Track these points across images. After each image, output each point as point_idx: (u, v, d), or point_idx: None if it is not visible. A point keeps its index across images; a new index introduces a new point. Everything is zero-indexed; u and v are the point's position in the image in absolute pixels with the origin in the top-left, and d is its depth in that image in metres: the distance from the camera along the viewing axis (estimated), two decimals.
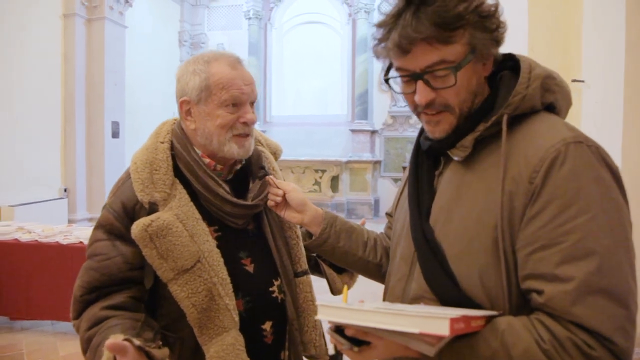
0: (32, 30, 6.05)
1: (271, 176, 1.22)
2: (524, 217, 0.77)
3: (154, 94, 8.70)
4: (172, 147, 1.19)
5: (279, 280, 1.23)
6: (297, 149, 9.15)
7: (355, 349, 0.78)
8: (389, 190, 9.26)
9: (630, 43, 2.04)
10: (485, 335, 0.73)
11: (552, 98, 0.85)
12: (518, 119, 0.83)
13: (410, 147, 9.44)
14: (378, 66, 9.25)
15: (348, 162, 9.01)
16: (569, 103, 0.89)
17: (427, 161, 0.96)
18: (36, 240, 3.63)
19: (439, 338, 0.68)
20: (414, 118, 8.90)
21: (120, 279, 1.11)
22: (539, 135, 0.80)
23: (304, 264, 1.29)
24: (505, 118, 0.82)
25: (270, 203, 1.19)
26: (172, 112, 8.64)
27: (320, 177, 9.07)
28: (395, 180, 9.15)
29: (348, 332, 0.77)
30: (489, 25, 0.82)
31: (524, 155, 0.79)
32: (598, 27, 2.39)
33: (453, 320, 0.65)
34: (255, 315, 1.17)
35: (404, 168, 7.98)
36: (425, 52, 0.80)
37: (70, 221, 6.21)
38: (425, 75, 0.81)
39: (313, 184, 9.10)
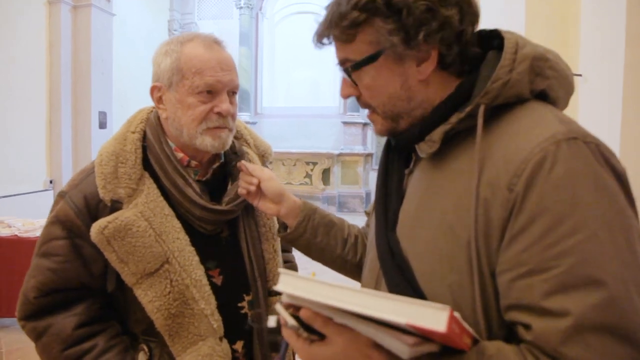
0: (15, 17, 5.87)
1: (244, 161, 1.10)
2: (505, 235, 0.63)
3: (143, 84, 8.50)
4: (145, 138, 1.08)
5: (250, 295, 1.12)
6: (288, 141, 9.02)
7: (305, 334, 0.62)
8: None
9: (630, 34, 1.96)
10: (470, 358, 0.60)
11: (544, 85, 0.70)
12: (500, 110, 0.69)
13: None
14: None
15: (340, 154, 8.92)
16: (568, 91, 0.73)
17: (398, 158, 0.84)
18: (15, 235, 3.52)
19: (422, 339, 0.55)
20: None
21: (80, 284, 1.03)
22: (522, 130, 0.65)
23: None
24: (481, 109, 0.67)
25: (241, 191, 1.08)
26: None
27: (312, 170, 8.98)
28: None
29: (303, 314, 0.61)
30: (407, 22, 0.68)
31: (503, 155, 0.65)
32: (597, 17, 2.32)
33: (452, 317, 0.51)
34: (225, 333, 1.05)
35: None
36: (337, 47, 0.77)
37: None
38: (343, 70, 0.77)
39: (304, 177, 9.00)
